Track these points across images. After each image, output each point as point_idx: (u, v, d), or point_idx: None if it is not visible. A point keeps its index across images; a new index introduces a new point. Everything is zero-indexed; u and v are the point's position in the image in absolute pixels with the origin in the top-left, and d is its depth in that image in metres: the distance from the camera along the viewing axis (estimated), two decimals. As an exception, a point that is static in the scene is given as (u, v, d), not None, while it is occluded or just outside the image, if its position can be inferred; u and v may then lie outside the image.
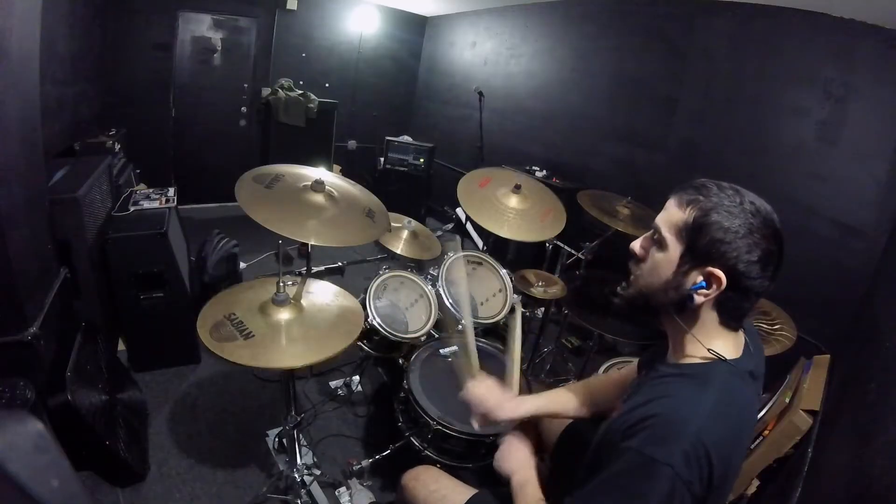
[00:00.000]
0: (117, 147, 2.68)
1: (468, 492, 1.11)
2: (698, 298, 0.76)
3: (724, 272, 0.73)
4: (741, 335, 0.83)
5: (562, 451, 1.22)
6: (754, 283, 0.74)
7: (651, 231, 0.83)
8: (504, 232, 1.97)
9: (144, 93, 3.85)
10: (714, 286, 0.75)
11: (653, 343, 1.02)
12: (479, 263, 2.19)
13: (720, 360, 0.77)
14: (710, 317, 0.79)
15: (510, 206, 2.07)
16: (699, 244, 0.75)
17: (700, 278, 0.76)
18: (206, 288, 2.55)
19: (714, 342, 0.79)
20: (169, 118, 4.08)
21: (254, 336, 1.22)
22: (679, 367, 0.81)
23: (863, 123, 2.21)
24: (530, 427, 1.19)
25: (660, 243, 0.80)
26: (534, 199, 2.14)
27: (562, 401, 1.16)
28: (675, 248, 0.78)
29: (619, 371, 1.29)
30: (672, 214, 0.79)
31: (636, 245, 0.85)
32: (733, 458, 0.72)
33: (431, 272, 2.13)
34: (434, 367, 1.71)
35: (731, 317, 0.79)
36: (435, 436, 1.48)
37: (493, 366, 1.78)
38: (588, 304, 2.08)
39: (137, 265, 2.00)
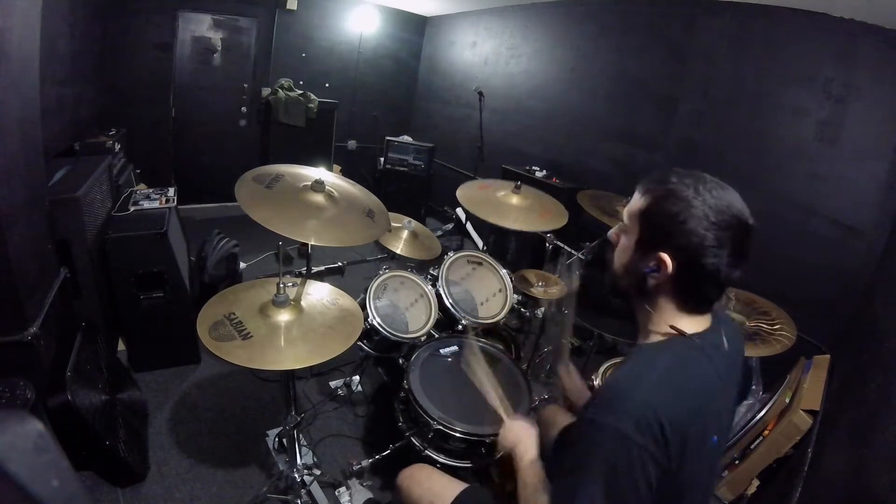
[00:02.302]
0: (117, 147, 2.68)
1: (460, 486, 1.13)
2: (651, 281, 0.81)
3: (672, 255, 0.77)
4: (706, 319, 0.85)
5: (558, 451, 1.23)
6: (707, 266, 0.75)
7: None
8: (508, 223, 1.98)
9: (144, 93, 3.85)
10: (662, 270, 0.78)
11: None
12: (479, 263, 2.19)
13: (676, 336, 0.80)
14: (667, 300, 0.82)
15: (512, 204, 2.08)
16: (649, 229, 0.80)
17: (653, 262, 0.79)
18: (206, 288, 2.55)
19: (673, 322, 0.82)
20: (169, 118, 4.07)
21: (252, 337, 1.22)
22: (640, 346, 0.86)
23: (863, 123, 2.21)
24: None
25: (625, 230, 0.86)
26: (534, 199, 2.15)
27: None
28: (633, 234, 0.83)
29: None
30: (634, 202, 0.84)
31: (611, 231, 0.90)
32: (689, 427, 0.72)
33: (431, 272, 2.13)
34: (434, 367, 1.70)
35: (689, 299, 0.81)
36: (435, 436, 1.47)
37: (494, 367, 1.78)
38: (588, 304, 2.08)
39: (137, 265, 2.00)
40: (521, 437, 1.04)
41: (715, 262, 0.75)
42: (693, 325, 0.83)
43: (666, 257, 0.77)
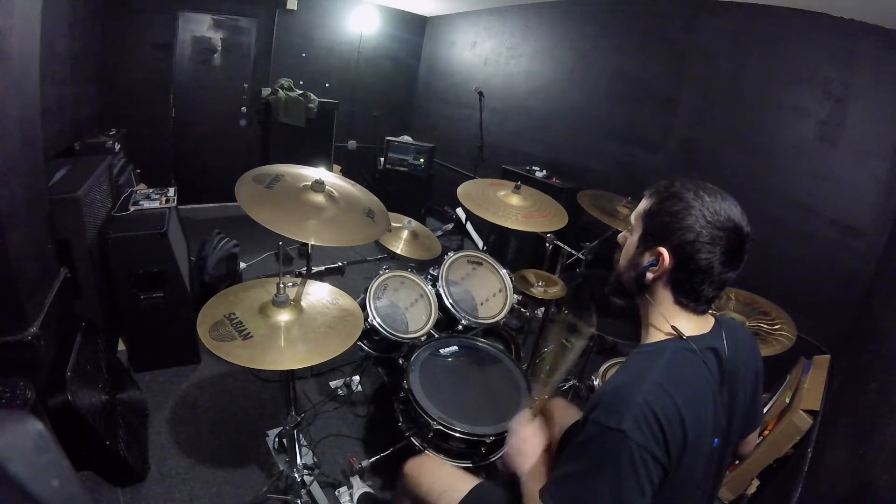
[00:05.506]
0: (117, 147, 2.68)
1: (471, 482, 1.12)
2: (649, 275, 0.86)
3: (670, 250, 0.82)
4: (707, 319, 0.89)
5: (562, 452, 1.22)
6: (702, 263, 0.80)
7: None
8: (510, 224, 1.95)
9: (144, 93, 3.86)
10: (661, 263, 0.83)
11: None
12: (479, 263, 2.19)
13: (673, 338, 0.84)
14: (665, 296, 0.86)
15: (512, 204, 2.07)
16: (651, 226, 0.86)
17: (652, 257, 0.85)
18: (206, 288, 2.55)
19: (672, 321, 0.85)
20: (169, 118, 4.08)
21: (252, 337, 1.22)
22: (640, 347, 0.89)
23: (863, 123, 2.20)
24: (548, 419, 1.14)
25: (631, 230, 0.92)
26: (534, 199, 2.15)
27: None
28: (637, 232, 0.90)
29: None
30: (640, 205, 0.91)
31: (620, 235, 0.97)
32: (688, 427, 0.75)
33: (431, 272, 2.13)
34: (434, 367, 1.70)
35: (685, 296, 0.85)
36: (435, 436, 1.47)
37: (494, 367, 1.78)
38: (588, 304, 2.08)
39: (137, 265, 2.00)
40: (529, 465, 0.97)
41: (709, 258, 0.80)
42: (692, 326, 0.86)
43: (665, 251, 0.82)
